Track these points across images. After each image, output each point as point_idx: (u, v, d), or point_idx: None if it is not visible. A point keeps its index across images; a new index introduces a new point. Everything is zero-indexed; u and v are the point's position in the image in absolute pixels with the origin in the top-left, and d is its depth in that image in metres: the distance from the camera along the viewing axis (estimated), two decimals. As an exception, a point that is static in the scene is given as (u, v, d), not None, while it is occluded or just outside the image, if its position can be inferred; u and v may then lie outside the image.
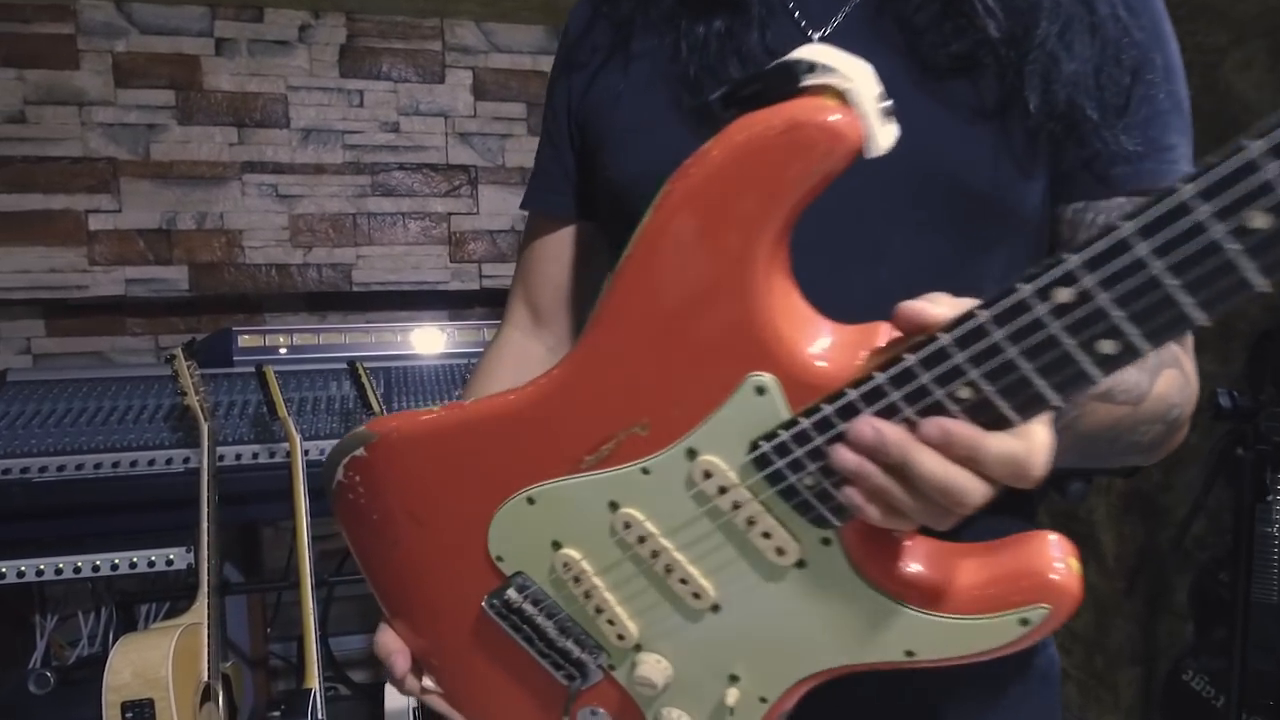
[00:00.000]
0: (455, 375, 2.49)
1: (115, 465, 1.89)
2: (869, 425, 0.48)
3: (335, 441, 2.05)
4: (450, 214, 2.89)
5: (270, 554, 2.73)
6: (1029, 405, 0.45)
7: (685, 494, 0.57)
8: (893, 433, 0.48)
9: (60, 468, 1.86)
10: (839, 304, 0.65)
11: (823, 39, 0.75)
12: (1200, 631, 2.17)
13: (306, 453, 1.95)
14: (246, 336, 2.45)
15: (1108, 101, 0.70)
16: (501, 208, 2.92)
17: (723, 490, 0.56)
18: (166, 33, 2.62)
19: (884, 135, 0.49)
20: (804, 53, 0.49)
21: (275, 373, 2.37)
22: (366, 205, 2.81)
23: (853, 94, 0.48)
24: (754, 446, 0.54)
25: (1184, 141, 0.74)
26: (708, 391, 0.55)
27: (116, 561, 1.86)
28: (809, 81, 0.49)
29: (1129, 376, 0.66)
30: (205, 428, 1.78)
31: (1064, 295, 0.42)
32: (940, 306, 0.48)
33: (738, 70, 0.74)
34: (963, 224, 0.71)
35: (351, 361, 1.99)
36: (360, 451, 0.68)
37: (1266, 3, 2.10)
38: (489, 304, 3.04)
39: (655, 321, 0.56)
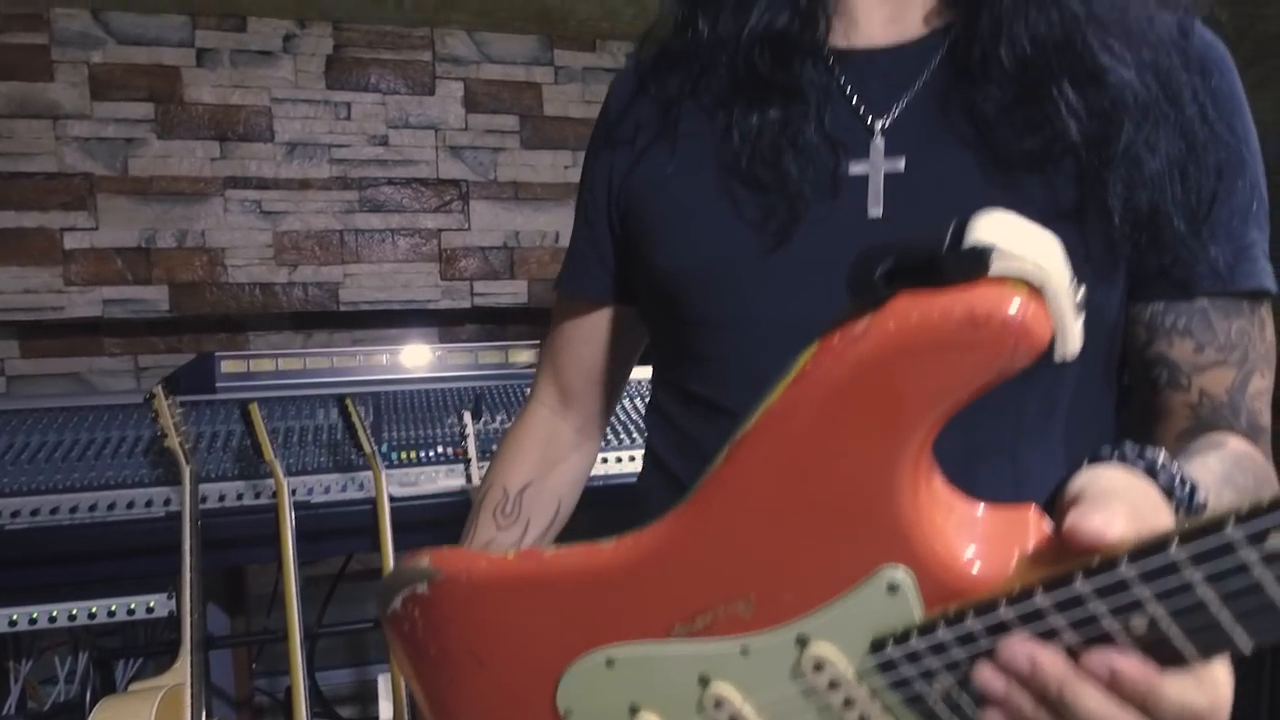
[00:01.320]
0: (446, 400, 2.40)
1: (92, 508, 1.79)
2: (1024, 652, 0.41)
3: (323, 478, 1.96)
4: (441, 230, 2.80)
5: (255, 581, 2.64)
6: (1215, 648, 0.38)
7: (789, 681, 0.51)
8: (1051, 664, 0.40)
9: (34, 511, 1.77)
10: None
11: (885, 128, 0.68)
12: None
13: (294, 491, 1.86)
14: (229, 362, 2.36)
15: (1192, 205, 0.65)
16: (494, 223, 2.83)
17: (834, 685, 0.49)
18: (145, 43, 2.51)
19: (1076, 333, 0.42)
20: (988, 230, 0.41)
21: (259, 400, 2.29)
22: (354, 221, 2.72)
23: (1047, 288, 0.41)
24: (878, 646, 0.47)
25: (1263, 236, 0.70)
26: (829, 578, 0.48)
27: (94, 610, 1.77)
28: (996, 270, 0.41)
29: None
30: (187, 471, 1.69)
31: None
32: (1118, 521, 0.40)
33: (793, 164, 0.67)
34: None
35: (341, 399, 1.90)
36: (422, 588, 0.62)
37: (1286, 23, 2.05)
38: (481, 322, 2.95)
39: (776, 499, 0.49)
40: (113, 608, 1.77)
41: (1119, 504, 0.42)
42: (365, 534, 1.85)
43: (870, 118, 0.70)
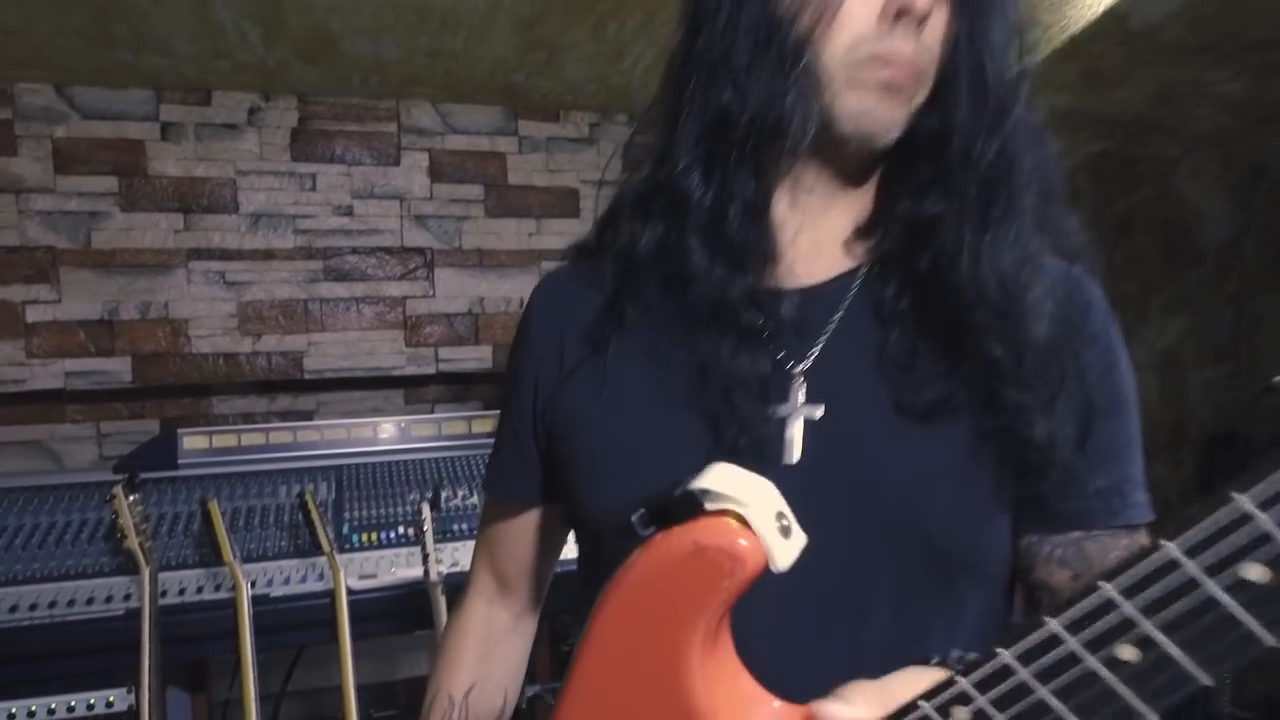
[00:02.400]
0: (409, 474, 2.43)
1: (52, 605, 1.81)
2: None
3: (283, 564, 1.97)
4: (406, 297, 2.83)
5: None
6: None
7: None
8: None
9: (-8, 609, 1.78)
10: (822, 662, 0.64)
11: (806, 371, 0.72)
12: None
13: (254, 583, 1.89)
14: (191, 438, 2.37)
15: (1067, 449, 0.69)
16: (459, 290, 2.87)
17: None
18: (110, 117, 2.53)
19: (783, 552, 0.55)
20: (705, 479, 0.57)
21: (222, 476, 2.31)
22: (319, 290, 2.74)
23: (749, 518, 0.55)
24: None
25: (1137, 469, 0.74)
26: None
27: (53, 706, 1.78)
28: (711, 506, 0.56)
29: None
30: (146, 572, 1.71)
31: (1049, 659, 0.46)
32: (859, 710, 0.50)
33: (716, 404, 0.70)
34: (940, 580, 0.70)
35: (301, 493, 1.93)
36: None
37: (1218, 120, 2.13)
38: (446, 384, 2.98)
39: (608, 705, 0.62)
40: (72, 703, 1.79)
41: (866, 691, 0.52)
42: (325, 626, 1.87)
43: (791, 363, 0.73)
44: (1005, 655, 0.46)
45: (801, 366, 0.73)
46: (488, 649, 0.93)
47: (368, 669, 2.87)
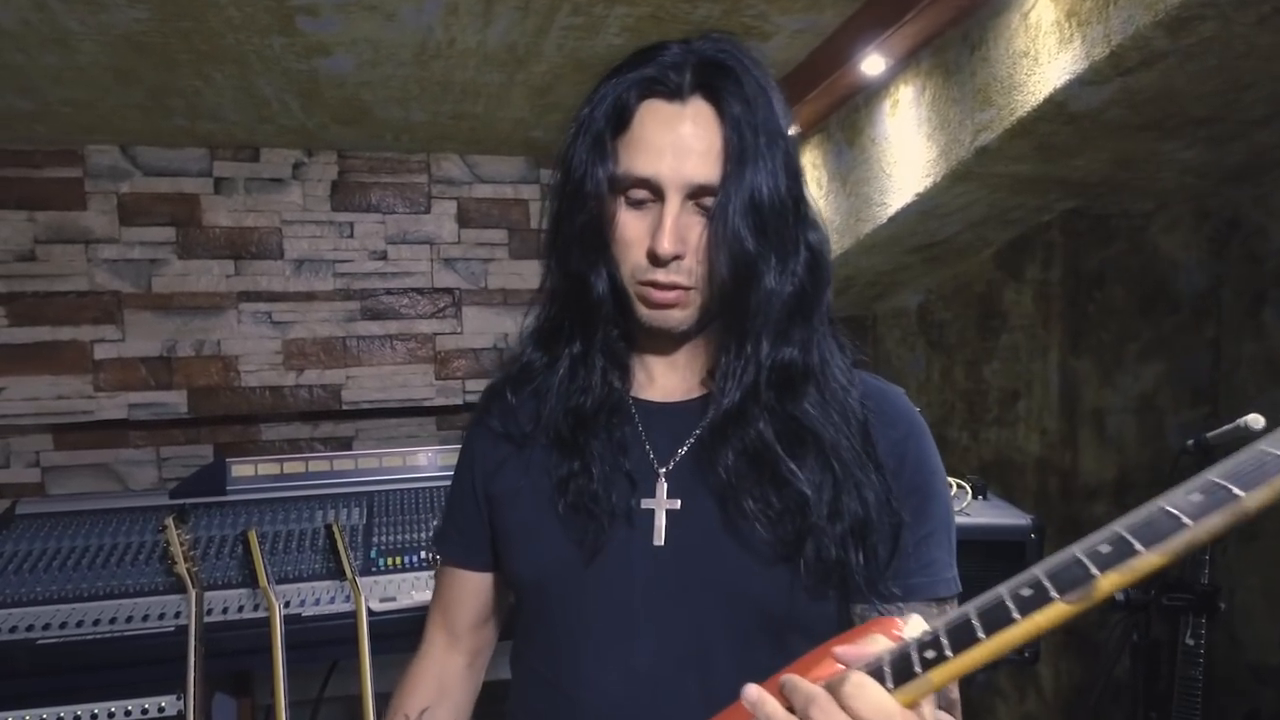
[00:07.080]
0: (434, 500, 2.64)
1: (113, 621, 2.04)
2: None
3: (315, 585, 2.19)
4: (436, 334, 3.05)
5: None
6: None
7: None
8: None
9: (62, 625, 2.02)
10: (678, 697, 0.82)
11: (668, 473, 0.92)
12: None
13: (288, 603, 2.11)
14: (239, 466, 2.61)
15: (874, 545, 0.87)
16: (484, 327, 3.08)
17: None
18: (169, 174, 2.79)
19: None
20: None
21: (264, 500, 2.55)
22: (356, 329, 2.98)
23: None
24: None
25: (945, 552, 0.93)
26: None
27: (113, 710, 2.02)
28: None
29: None
30: (192, 594, 1.94)
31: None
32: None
33: (602, 500, 0.90)
34: (772, 638, 0.88)
35: (329, 526, 2.15)
36: None
37: (1181, 180, 2.24)
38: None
39: None
40: (128, 708, 2.02)
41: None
42: (351, 644, 2.08)
43: (657, 464, 0.93)
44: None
45: (665, 469, 0.93)
46: (441, 684, 1.10)
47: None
